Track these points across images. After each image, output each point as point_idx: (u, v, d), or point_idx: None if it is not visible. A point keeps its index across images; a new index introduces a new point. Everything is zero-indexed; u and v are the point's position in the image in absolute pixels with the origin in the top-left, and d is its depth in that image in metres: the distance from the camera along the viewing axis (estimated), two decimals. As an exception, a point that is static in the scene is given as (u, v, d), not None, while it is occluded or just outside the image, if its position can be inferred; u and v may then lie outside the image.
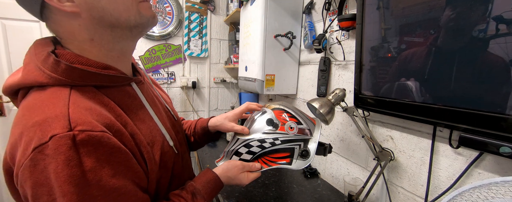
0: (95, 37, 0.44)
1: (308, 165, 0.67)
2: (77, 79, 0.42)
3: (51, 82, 0.40)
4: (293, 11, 1.31)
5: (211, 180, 0.60)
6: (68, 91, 0.40)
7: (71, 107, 0.38)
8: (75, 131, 0.35)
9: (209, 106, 2.16)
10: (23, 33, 1.56)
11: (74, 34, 0.44)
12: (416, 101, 0.67)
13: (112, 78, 0.46)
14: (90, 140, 0.36)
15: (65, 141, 0.35)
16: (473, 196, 0.48)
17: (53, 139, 0.34)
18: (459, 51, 0.57)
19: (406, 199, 0.83)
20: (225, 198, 0.97)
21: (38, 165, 0.35)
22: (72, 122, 0.36)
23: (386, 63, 0.76)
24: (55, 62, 0.40)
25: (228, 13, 1.97)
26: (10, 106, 1.61)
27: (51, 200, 0.35)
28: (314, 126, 0.72)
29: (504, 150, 0.52)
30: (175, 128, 0.64)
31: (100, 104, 0.43)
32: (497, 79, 0.51)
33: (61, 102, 0.38)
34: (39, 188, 0.35)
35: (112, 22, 0.44)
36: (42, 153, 0.34)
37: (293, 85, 1.42)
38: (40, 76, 0.40)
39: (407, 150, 0.82)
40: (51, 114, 0.36)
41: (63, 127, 0.35)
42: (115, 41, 0.46)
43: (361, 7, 0.82)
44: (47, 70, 0.40)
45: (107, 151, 0.38)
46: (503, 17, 0.49)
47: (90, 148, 0.37)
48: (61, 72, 0.40)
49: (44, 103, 0.38)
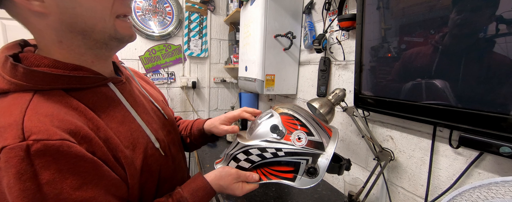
0: (64, 40, 0.41)
1: (315, 184, 0.56)
2: (40, 83, 0.38)
3: (12, 88, 0.37)
4: (293, 11, 1.31)
5: (201, 188, 0.55)
6: (30, 97, 0.37)
7: (28, 114, 0.34)
8: (29, 141, 0.32)
9: (209, 106, 2.16)
10: (23, 33, 1.55)
11: (41, 33, 0.40)
12: (416, 100, 0.67)
13: (82, 79, 0.42)
14: (47, 150, 0.33)
15: (17, 153, 0.31)
16: (473, 196, 0.48)
17: (3, 150, 0.31)
18: (458, 51, 0.56)
19: (406, 199, 0.83)
20: (225, 198, 0.97)
21: None
22: (25, 131, 0.33)
23: (386, 63, 0.76)
24: (12, 66, 0.37)
25: (228, 13, 1.97)
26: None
27: None
28: (330, 138, 0.61)
29: (504, 150, 0.51)
30: (165, 128, 0.60)
31: (68, 108, 0.40)
32: (497, 79, 0.51)
33: (17, 109, 0.35)
34: None
35: (85, 30, 0.41)
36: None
37: (293, 85, 1.42)
38: (0, 83, 0.37)
39: (407, 150, 0.82)
40: (4, 123, 0.33)
41: (14, 137, 0.32)
42: (88, 47, 0.43)
43: (361, 7, 0.82)
44: (6, 76, 0.37)
45: (69, 161, 0.35)
46: (504, 17, 0.49)
47: (48, 158, 0.33)
48: (20, 77, 0.37)
49: (2, 110, 0.35)
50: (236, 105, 2.26)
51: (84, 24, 0.40)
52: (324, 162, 0.57)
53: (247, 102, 2.02)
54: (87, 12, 0.40)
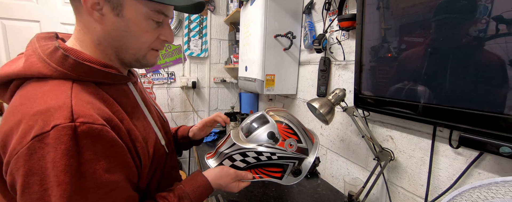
0: (102, 44, 0.47)
1: (297, 182, 0.68)
2: (82, 75, 0.43)
3: (55, 75, 0.41)
4: (293, 11, 1.31)
5: (201, 186, 0.58)
6: (70, 85, 0.41)
7: (74, 99, 0.38)
8: (76, 122, 0.36)
9: (209, 106, 2.16)
10: (23, 33, 1.56)
11: (88, 31, 0.46)
12: (416, 100, 0.67)
13: (113, 76, 0.48)
14: (90, 132, 0.37)
15: (67, 131, 0.35)
16: (473, 196, 0.48)
17: (55, 128, 0.35)
18: (458, 51, 0.56)
19: (406, 199, 0.83)
20: (225, 198, 0.97)
21: (35, 153, 0.34)
22: (74, 114, 0.36)
23: (386, 63, 0.76)
24: (63, 57, 0.41)
25: (228, 13, 1.97)
26: (10, 106, 1.61)
27: (42, 190, 0.35)
28: (312, 145, 0.71)
29: (504, 150, 0.52)
30: (164, 128, 0.65)
31: (100, 99, 0.44)
32: (497, 79, 0.51)
33: (64, 93, 0.39)
34: (31, 177, 0.35)
35: (121, 48, 0.48)
36: (42, 141, 0.34)
37: (293, 85, 1.42)
38: (44, 69, 0.41)
39: (407, 150, 0.82)
40: (54, 104, 0.37)
41: (65, 118, 0.36)
42: (116, 55, 0.50)
43: (361, 7, 0.82)
44: (53, 64, 0.41)
45: (105, 145, 0.39)
46: (503, 17, 0.49)
47: (89, 140, 0.37)
48: (68, 67, 0.42)
49: (46, 93, 0.39)
50: (236, 104, 2.26)
51: (123, 45, 0.48)
52: (307, 164, 0.68)
53: (247, 102, 2.02)
54: (132, 39, 0.47)
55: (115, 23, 0.45)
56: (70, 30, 1.65)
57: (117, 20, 0.45)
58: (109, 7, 0.43)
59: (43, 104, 0.37)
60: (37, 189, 0.35)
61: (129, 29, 0.46)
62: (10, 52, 1.55)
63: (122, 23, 0.45)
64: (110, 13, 0.44)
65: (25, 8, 1.54)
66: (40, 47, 0.43)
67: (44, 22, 1.59)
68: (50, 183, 0.35)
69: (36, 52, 0.42)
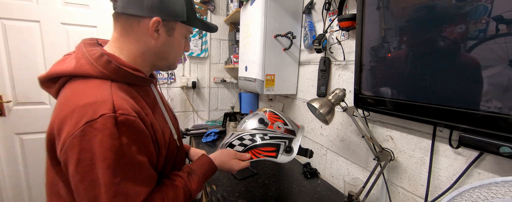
0: (145, 54, 0.60)
1: (291, 159, 0.78)
2: (119, 77, 0.54)
3: (99, 75, 0.51)
4: (293, 11, 1.31)
5: (206, 163, 0.70)
6: (110, 84, 0.51)
7: (114, 95, 0.48)
8: (117, 113, 0.46)
9: (209, 106, 2.16)
10: (23, 33, 1.56)
11: (140, 42, 0.58)
12: (416, 100, 0.67)
13: (141, 79, 0.59)
14: (126, 122, 0.47)
15: (111, 120, 0.45)
16: (473, 196, 0.48)
17: (102, 117, 0.44)
18: (458, 50, 0.56)
19: (406, 199, 0.83)
20: (225, 198, 0.97)
21: (86, 135, 0.44)
22: (115, 106, 0.46)
23: (386, 63, 0.76)
24: (107, 62, 0.52)
25: (228, 13, 1.97)
26: (10, 105, 1.61)
27: (92, 163, 0.44)
28: (298, 129, 0.85)
29: (504, 150, 0.52)
30: (176, 125, 0.73)
31: (131, 96, 0.54)
32: (497, 79, 0.51)
33: (106, 91, 0.49)
34: (83, 153, 0.44)
35: (162, 58, 0.63)
36: (92, 126, 0.44)
37: (293, 85, 1.42)
38: (91, 70, 0.51)
39: (407, 150, 0.82)
40: (100, 99, 0.47)
41: (109, 109, 0.45)
42: (152, 63, 0.63)
43: (361, 7, 0.82)
44: (99, 67, 0.51)
45: (136, 132, 0.49)
46: (503, 17, 0.49)
47: (126, 128, 0.47)
48: (110, 70, 0.52)
49: (92, 90, 0.49)
50: (236, 104, 2.26)
51: (165, 55, 0.63)
52: (297, 143, 0.80)
53: (247, 102, 2.02)
54: (172, 52, 0.63)
55: (165, 41, 0.59)
56: (70, 29, 1.65)
57: (168, 39, 0.60)
58: (164, 29, 0.58)
59: (91, 97, 0.47)
60: (88, 163, 0.44)
61: (173, 45, 0.62)
62: (10, 53, 1.55)
63: (171, 41, 0.60)
64: (164, 34, 0.58)
65: (25, 8, 1.54)
66: (87, 52, 0.53)
67: (44, 22, 1.59)
68: (97, 158, 0.44)
69: (84, 56, 0.52)
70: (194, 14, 0.62)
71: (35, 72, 1.62)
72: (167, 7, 0.56)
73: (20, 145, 1.67)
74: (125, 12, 0.54)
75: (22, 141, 1.67)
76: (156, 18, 0.55)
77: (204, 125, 2.06)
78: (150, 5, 0.54)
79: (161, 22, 0.56)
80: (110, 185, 0.45)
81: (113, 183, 0.45)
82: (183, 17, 0.59)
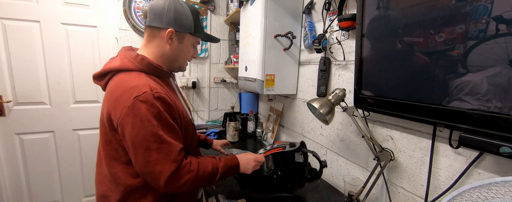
0: (164, 56, 0.79)
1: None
2: (150, 70, 0.74)
3: (136, 69, 0.72)
4: (293, 11, 1.31)
5: (230, 155, 0.86)
6: (144, 75, 0.72)
7: (149, 81, 0.68)
8: (153, 92, 0.65)
9: (209, 106, 2.16)
10: (23, 33, 1.56)
11: (159, 47, 0.78)
12: (416, 100, 0.67)
13: (163, 72, 0.79)
14: (160, 97, 0.66)
15: (150, 95, 0.64)
16: (473, 196, 0.48)
17: (145, 93, 0.64)
18: (457, 50, 0.56)
19: (406, 199, 0.83)
20: (225, 198, 0.97)
21: (135, 105, 0.63)
22: (152, 88, 0.66)
23: (386, 63, 0.76)
24: (141, 59, 0.73)
25: (228, 13, 1.97)
26: (10, 105, 1.61)
27: (141, 124, 0.63)
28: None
29: (504, 150, 0.52)
30: (189, 110, 0.89)
31: (158, 83, 0.73)
32: (497, 79, 0.51)
33: (143, 78, 0.69)
34: (135, 118, 0.63)
35: (174, 60, 0.82)
36: (138, 100, 0.63)
37: (293, 85, 1.42)
38: (131, 65, 0.72)
39: (407, 150, 0.82)
40: (141, 83, 0.66)
41: (148, 89, 0.65)
42: (168, 63, 0.82)
43: (361, 7, 0.82)
44: (136, 63, 0.73)
45: (167, 104, 0.68)
46: (503, 17, 0.49)
47: (161, 101, 0.66)
48: (144, 65, 0.73)
49: (134, 78, 0.69)
50: (236, 104, 2.26)
51: (176, 58, 0.82)
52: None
53: (247, 102, 2.02)
54: (182, 56, 0.83)
55: (177, 47, 0.79)
56: (70, 29, 1.65)
57: (179, 45, 0.80)
58: (177, 38, 0.78)
59: (135, 82, 0.67)
60: (140, 125, 0.63)
61: (183, 50, 0.81)
62: (10, 53, 1.55)
63: (181, 47, 0.80)
64: (176, 41, 0.78)
65: (25, 8, 1.54)
66: (127, 54, 0.74)
67: (44, 22, 1.59)
68: (145, 120, 0.63)
69: (126, 56, 0.74)
70: (200, 28, 0.84)
71: (35, 72, 1.62)
72: (179, 22, 0.76)
73: (20, 145, 1.67)
74: (151, 24, 0.75)
75: (22, 141, 1.67)
76: (170, 29, 0.75)
77: (204, 125, 2.06)
78: (167, 20, 0.75)
79: (174, 32, 0.76)
80: (156, 136, 0.64)
81: (158, 135, 0.64)
82: (191, 30, 0.79)
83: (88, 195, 1.93)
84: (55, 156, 1.77)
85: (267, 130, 1.76)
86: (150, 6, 0.75)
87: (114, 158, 0.72)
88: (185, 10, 0.77)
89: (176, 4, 0.76)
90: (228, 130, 1.71)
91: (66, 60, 1.68)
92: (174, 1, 0.76)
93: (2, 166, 1.65)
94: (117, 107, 0.64)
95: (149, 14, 0.75)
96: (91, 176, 1.90)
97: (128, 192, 0.72)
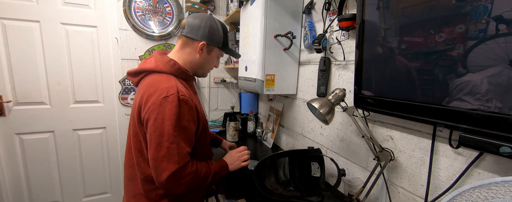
0: (192, 63, 0.90)
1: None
2: (179, 74, 0.86)
3: (168, 72, 0.84)
4: (293, 11, 1.31)
5: (219, 159, 0.95)
6: (174, 78, 0.82)
7: (177, 84, 0.78)
8: (179, 94, 0.74)
9: (209, 106, 2.16)
10: (23, 33, 1.56)
11: (190, 55, 0.89)
12: (416, 100, 0.67)
13: (190, 76, 0.91)
14: (184, 100, 0.75)
15: (176, 97, 0.73)
16: (473, 196, 0.48)
17: (172, 95, 0.73)
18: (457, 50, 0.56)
19: (406, 199, 0.83)
20: (225, 198, 0.97)
21: (162, 104, 0.72)
22: (178, 90, 0.75)
23: (386, 63, 0.76)
24: (173, 64, 0.85)
25: (228, 13, 1.97)
26: (10, 105, 1.61)
27: (162, 121, 0.71)
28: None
29: (504, 150, 0.51)
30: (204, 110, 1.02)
31: (184, 86, 0.84)
32: (497, 79, 0.51)
33: (173, 81, 0.79)
34: (159, 114, 0.71)
35: (199, 67, 0.93)
36: (166, 100, 0.72)
37: (293, 85, 1.42)
38: (164, 68, 0.83)
39: (407, 150, 0.82)
40: (170, 85, 0.76)
41: (175, 91, 0.74)
42: (194, 69, 0.93)
43: (361, 7, 0.82)
44: (168, 66, 0.84)
45: (189, 107, 0.76)
46: (503, 17, 0.49)
47: (184, 103, 0.75)
48: (175, 69, 0.85)
49: (165, 80, 0.79)
50: (236, 104, 2.25)
51: (202, 66, 0.93)
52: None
53: (247, 102, 2.02)
54: (208, 65, 0.94)
55: (205, 57, 0.91)
56: (70, 29, 1.65)
57: (207, 56, 0.91)
58: (207, 50, 0.89)
59: (165, 83, 0.76)
60: (160, 120, 0.71)
61: (209, 61, 0.93)
62: (10, 52, 1.55)
63: (208, 57, 0.92)
64: (205, 52, 0.90)
65: (25, 8, 1.54)
66: (161, 58, 0.85)
67: (44, 22, 1.59)
68: (166, 118, 0.71)
69: (160, 60, 0.85)
70: (227, 44, 0.94)
71: (35, 72, 1.62)
72: (211, 37, 0.88)
73: (20, 145, 1.67)
74: (187, 35, 0.87)
75: (22, 141, 1.67)
76: (203, 42, 0.86)
77: (204, 125, 2.06)
78: (202, 34, 0.87)
79: (206, 45, 0.87)
80: (170, 135, 0.71)
81: (172, 134, 0.71)
82: (220, 44, 0.91)
83: (88, 195, 1.93)
84: (55, 156, 1.77)
85: (267, 130, 1.76)
86: (190, 20, 0.87)
87: (138, 149, 0.82)
88: (218, 27, 0.89)
89: (212, 22, 0.88)
90: (228, 130, 1.71)
91: (66, 60, 1.68)
92: (210, 19, 0.88)
93: (2, 166, 1.65)
94: (148, 103, 0.74)
95: (187, 26, 0.86)
96: (91, 176, 1.90)
97: (148, 181, 0.81)
